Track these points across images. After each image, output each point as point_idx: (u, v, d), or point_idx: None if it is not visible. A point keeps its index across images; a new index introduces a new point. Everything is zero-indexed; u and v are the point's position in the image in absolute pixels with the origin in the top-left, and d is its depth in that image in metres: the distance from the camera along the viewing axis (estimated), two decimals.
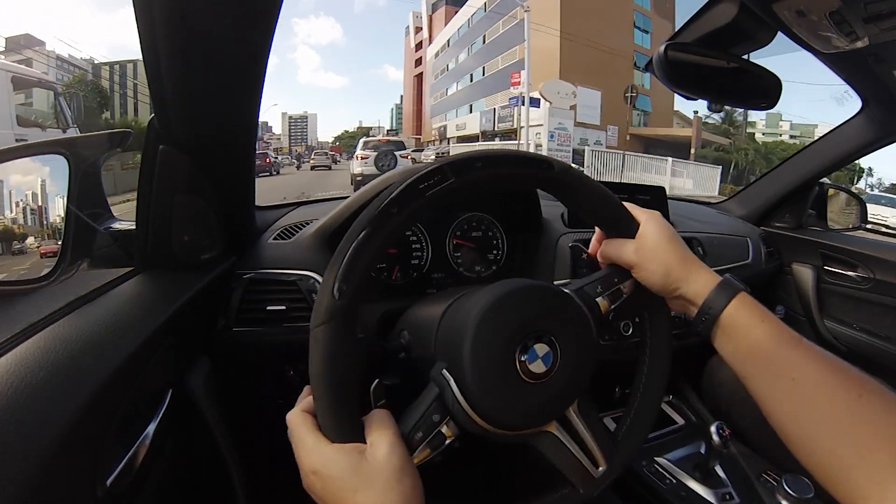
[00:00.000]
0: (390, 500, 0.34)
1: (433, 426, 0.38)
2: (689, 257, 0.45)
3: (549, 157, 0.44)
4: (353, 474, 0.34)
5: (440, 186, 0.39)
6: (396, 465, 0.35)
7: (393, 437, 0.36)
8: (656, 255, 0.44)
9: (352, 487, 0.34)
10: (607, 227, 0.48)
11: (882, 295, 1.14)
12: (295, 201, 1.08)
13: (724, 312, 0.41)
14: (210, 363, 0.63)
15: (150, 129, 0.57)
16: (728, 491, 0.74)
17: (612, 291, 0.45)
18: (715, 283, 0.43)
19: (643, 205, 0.47)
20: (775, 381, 0.39)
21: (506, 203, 0.90)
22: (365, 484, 0.34)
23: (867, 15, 0.62)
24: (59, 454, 0.34)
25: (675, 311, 0.47)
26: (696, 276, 0.44)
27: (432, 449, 0.38)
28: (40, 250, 0.60)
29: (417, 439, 0.38)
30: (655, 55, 0.74)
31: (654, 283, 0.44)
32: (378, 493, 0.34)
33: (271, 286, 0.72)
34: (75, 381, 0.39)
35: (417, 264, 0.84)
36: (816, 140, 1.29)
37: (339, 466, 0.35)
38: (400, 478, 0.34)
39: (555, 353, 0.40)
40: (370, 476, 0.34)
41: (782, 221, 1.37)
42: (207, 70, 0.53)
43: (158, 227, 0.60)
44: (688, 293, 0.44)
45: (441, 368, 0.40)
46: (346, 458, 0.35)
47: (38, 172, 0.60)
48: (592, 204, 0.46)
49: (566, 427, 0.42)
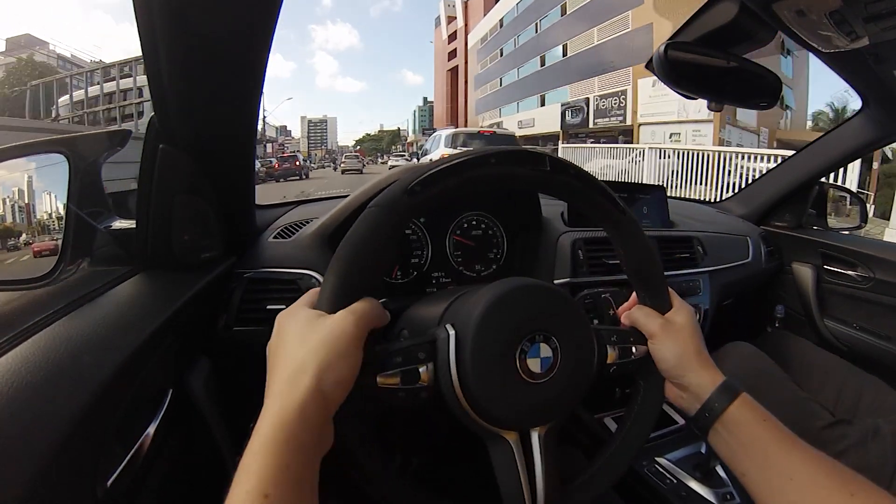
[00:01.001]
0: (316, 351, 0.34)
1: (415, 360, 0.38)
2: (703, 352, 0.47)
3: (625, 207, 0.46)
4: (304, 325, 0.36)
5: (535, 169, 0.41)
6: (338, 330, 0.35)
7: (355, 313, 0.36)
8: (679, 337, 0.46)
9: (297, 335, 0.35)
10: (646, 292, 0.49)
11: (882, 294, 1.14)
12: (295, 200, 1.08)
13: (727, 410, 0.43)
14: (210, 363, 0.63)
15: (151, 129, 0.57)
16: (728, 491, 0.74)
17: (623, 347, 0.46)
18: (719, 382, 0.45)
19: (643, 204, 0.48)
20: (773, 479, 0.40)
21: (506, 202, 0.90)
22: (307, 334, 0.35)
23: (867, 15, 0.62)
24: (60, 454, 0.34)
25: (670, 398, 0.48)
26: (703, 371, 0.46)
27: (402, 381, 0.37)
28: (33, 248, 0.60)
29: (394, 362, 0.37)
30: (655, 54, 0.75)
31: (666, 361, 0.46)
32: (312, 342, 0.34)
33: (272, 285, 0.72)
34: (75, 381, 0.39)
35: (417, 263, 0.84)
36: (816, 140, 1.29)
37: (299, 320, 0.37)
38: (335, 341, 0.34)
39: (555, 357, 0.40)
40: (314, 329, 0.35)
41: (782, 221, 1.37)
42: (208, 70, 0.53)
43: (158, 227, 0.60)
44: (692, 384, 0.45)
45: (446, 323, 0.40)
46: (309, 315, 0.36)
47: (28, 170, 0.60)
48: (641, 263, 0.48)
49: (524, 446, 0.40)
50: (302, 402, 0.32)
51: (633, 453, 0.47)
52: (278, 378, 0.34)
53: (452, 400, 0.38)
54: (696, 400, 0.45)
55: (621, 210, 0.46)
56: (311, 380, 0.33)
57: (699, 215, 1.31)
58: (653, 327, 0.47)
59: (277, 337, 0.38)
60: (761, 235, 1.32)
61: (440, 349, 0.39)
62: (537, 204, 0.90)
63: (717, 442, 0.44)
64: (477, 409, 0.38)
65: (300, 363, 0.34)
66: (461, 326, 0.39)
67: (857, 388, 0.93)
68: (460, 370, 0.37)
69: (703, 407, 0.44)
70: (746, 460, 0.42)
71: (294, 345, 0.35)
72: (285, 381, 0.34)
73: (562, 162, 0.43)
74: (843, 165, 1.27)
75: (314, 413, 0.32)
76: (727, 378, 0.45)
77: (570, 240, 0.90)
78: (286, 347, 0.36)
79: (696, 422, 0.45)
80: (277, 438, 0.30)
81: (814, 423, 0.82)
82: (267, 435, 0.31)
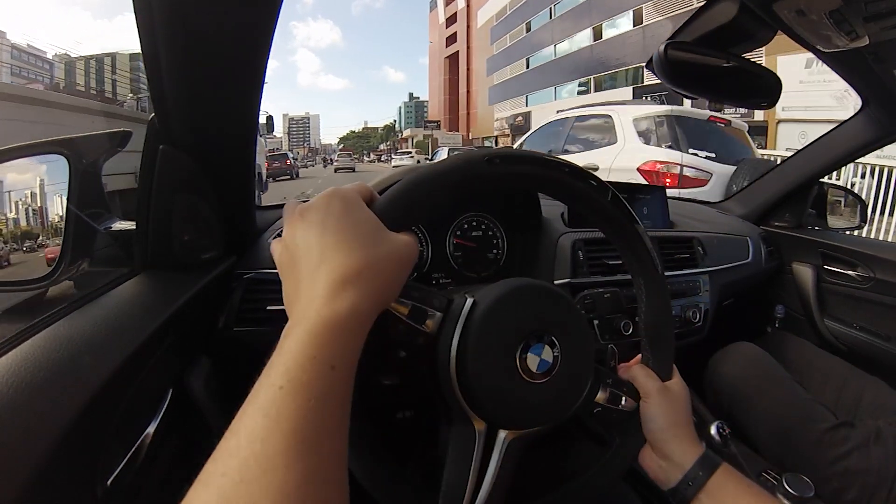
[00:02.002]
0: (375, 269, 0.30)
1: (428, 303, 0.38)
2: (691, 426, 0.48)
3: (660, 264, 0.47)
4: (363, 228, 0.32)
5: (592, 188, 0.43)
6: (403, 257, 0.33)
7: (416, 246, 0.34)
8: (673, 405, 0.47)
9: (348, 234, 0.31)
10: (653, 353, 0.50)
11: (882, 294, 1.14)
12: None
13: (712, 479, 0.44)
14: (210, 363, 0.63)
15: (150, 129, 0.57)
16: None
17: (615, 393, 0.46)
18: (700, 453, 0.45)
19: (643, 204, 0.48)
20: None
21: (506, 202, 0.90)
22: (363, 240, 0.31)
23: (867, 14, 0.62)
24: (60, 454, 0.34)
25: (647, 467, 0.48)
26: (687, 442, 0.46)
27: (409, 315, 0.37)
28: (46, 255, 0.60)
29: (412, 295, 0.37)
30: (655, 54, 0.75)
31: (655, 422, 0.46)
32: (368, 256, 0.31)
33: (272, 286, 0.72)
34: (75, 381, 0.39)
35: (417, 264, 0.84)
36: (817, 139, 1.29)
37: (357, 214, 0.32)
38: (397, 264, 0.33)
39: (554, 362, 0.40)
40: (374, 241, 0.32)
41: (782, 221, 1.37)
42: (208, 69, 0.53)
43: (158, 227, 0.60)
44: (675, 452, 0.46)
45: (467, 293, 0.40)
46: (370, 217, 0.33)
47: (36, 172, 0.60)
48: (658, 327, 0.49)
49: (486, 443, 0.39)
50: (352, 312, 0.28)
51: (585, 497, 0.46)
52: (313, 284, 0.29)
53: (444, 362, 0.38)
54: (677, 470, 0.45)
55: (655, 266, 0.47)
56: (364, 299, 0.29)
57: (699, 215, 1.31)
58: (651, 388, 0.47)
59: (317, 221, 0.31)
60: (761, 235, 1.32)
61: (454, 308, 0.39)
62: (537, 204, 0.90)
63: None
64: (462, 385, 0.37)
65: (353, 270, 0.29)
66: (480, 298, 0.39)
67: (858, 388, 0.93)
68: (463, 337, 0.37)
69: (684, 477, 0.45)
70: None
71: (345, 242, 0.30)
72: (327, 288, 0.29)
73: (620, 199, 0.44)
74: (843, 165, 1.27)
75: (361, 329, 0.29)
76: (707, 450, 0.46)
77: (570, 240, 0.90)
78: (331, 243, 0.30)
79: (677, 494, 0.45)
80: (305, 364, 0.26)
81: (817, 426, 0.82)
82: (293, 351, 0.27)
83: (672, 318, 0.50)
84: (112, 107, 4.36)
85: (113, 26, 32.17)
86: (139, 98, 5.03)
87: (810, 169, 1.29)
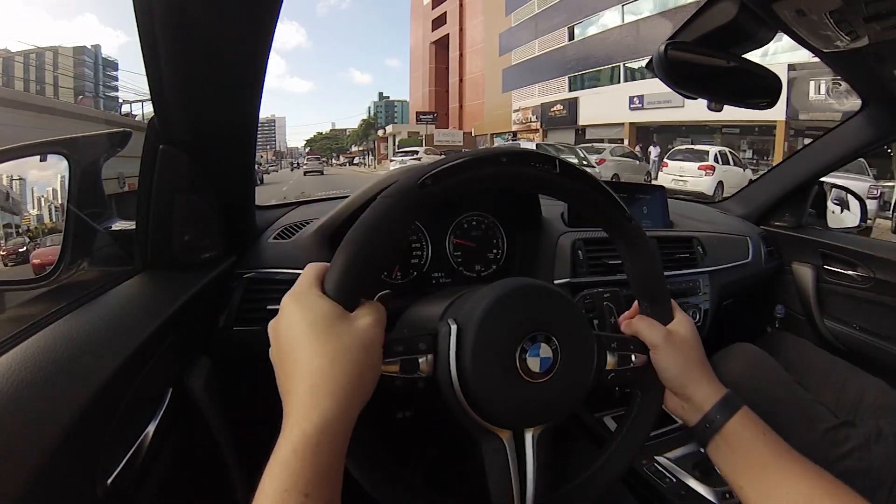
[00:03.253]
0: (347, 362, 0.32)
1: (415, 350, 0.38)
2: (706, 364, 0.47)
3: (631, 215, 0.47)
4: (323, 324, 0.33)
5: (545, 170, 0.41)
6: (369, 338, 0.34)
7: (379, 320, 0.35)
8: (682, 349, 0.46)
9: (315, 335, 0.32)
10: (648, 302, 0.49)
11: (882, 294, 1.14)
12: (295, 200, 1.08)
13: (728, 424, 0.44)
14: (210, 363, 0.63)
15: (150, 129, 0.57)
16: (728, 490, 0.74)
17: (623, 355, 0.46)
18: (721, 395, 0.45)
19: (643, 204, 0.48)
20: (770, 494, 0.41)
21: (506, 202, 0.90)
22: (329, 337, 0.32)
23: (867, 15, 0.62)
24: (60, 453, 0.34)
25: (670, 407, 0.49)
26: (706, 384, 0.46)
27: (402, 370, 0.37)
28: (32, 262, 0.59)
29: (395, 351, 0.37)
30: (655, 54, 0.74)
31: (669, 371, 0.46)
32: (337, 351, 0.32)
33: (272, 285, 0.72)
34: (76, 381, 0.39)
35: (417, 263, 0.84)
36: (816, 139, 1.29)
37: (314, 312, 0.33)
38: (366, 350, 0.33)
39: (555, 359, 0.40)
40: (339, 333, 0.33)
41: (782, 221, 1.37)
42: (208, 69, 0.53)
43: (159, 227, 0.60)
44: (694, 396, 0.46)
45: (449, 318, 0.40)
46: (326, 308, 0.34)
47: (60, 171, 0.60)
48: (644, 271, 0.48)
49: (517, 446, 0.40)
50: (324, 427, 0.30)
51: (629, 460, 0.47)
52: (294, 390, 0.32)
53: (449, 393, 0.38)
54: (697, 411, 0.45)
55: (628, 218, 0.46)
56: (335, 401, 0.31)
57: (699, 215, 1.31)
58: (656, 338, 0.47)
59: (287, 326, 0.34)
60: (761, 235, 1.32)
61: (441, 342, 0.39)
62: (537, 204, 0.90)
63: (717, 455, 0.45)
64: (473, 404, 0.38)
65: (321, 375, 0.31)
66: (463, 322, 0.39)
67: (858, 388, 0.93)
68: (459, 364, 0.38)
69: (703, 419, 0.45)
70: (745, 474, 0.43)
71: (309, 345, 0.32)
72: (304, 397, 0.31)
73: (571, 165, 0.43)
74: (843, 165, 1.27)
75: (339, 433, 0.31)
76: (728, 391, 0.46)
77: (570, 240, 0.90)
78: (300, 346, 0.33)
79: (697, 433, 0.46)
80: (295, 468, 0.29)
81: (817, 426, 0.82)
82: (285, 460, 0.29)
83: (657, 262, 0.48)
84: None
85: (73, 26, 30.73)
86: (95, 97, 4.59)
87: (810, 169, 1.29)
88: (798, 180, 1.31)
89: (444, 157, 0.39)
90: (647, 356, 0.47)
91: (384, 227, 0.36)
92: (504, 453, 0.40)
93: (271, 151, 61.94)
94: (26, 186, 0.60)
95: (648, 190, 1.16)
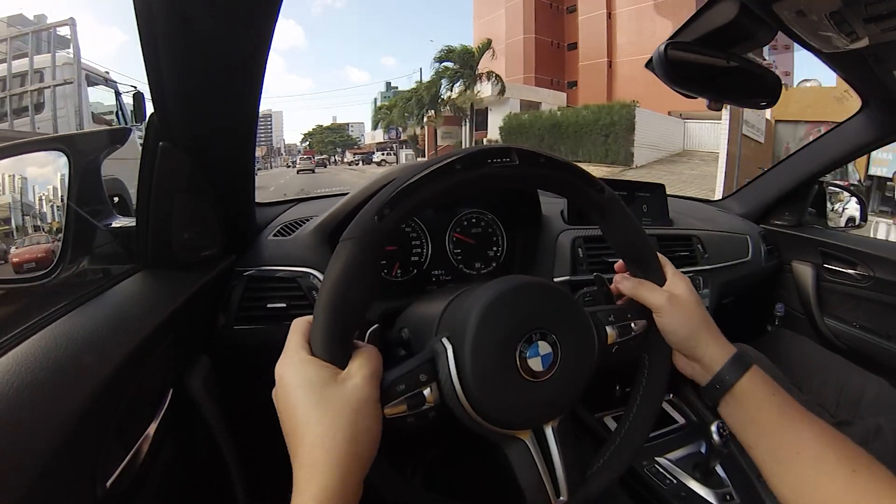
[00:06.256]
0: (340, 429, 0.32)
1: (417, 384, 0.38)
2: (712, 323, 0.47)
3: (603, 185, 0.46)
4: (315, 390, 0.33)
5: (504, 165, 0.40)
6: (361, 399, 0.34)
7: (371, 374, 0.35)
8: (686, 309, 0.46)
9: (310, 403, 0.33)
10: (639, 267, 0.49)
11: (882, 293, 1.14)
12: (295, 198, 1.08)
13: (738, 383, 0.43)
14: (210, 362, 0.63)
15: (151, 127, 0.57)
16: (728, 491, 0.74)
17: (622, 325, 0.46)
18: (730, 354, 0.45)
19: (642, 202, 0.48)
20: (780, 452, 0.41)
21: (505, 199, 0.90)
22: (322, 404, 0.33)
23: (867, 15, 0.62)
24: (60, 454, 0.34)
25: (679, 367, 0.48)
26: (715, 343, 0.46)
27: (409, 407, 0.37)
28: (12, 259, 0.58)
29: (398, 391, 0.37)
30: (656, 54, 0.74)
31: (676, 334, 0.46)
32: (331, 417, 0.32)
33: (272, 283, 0.72)
34: (76, 381, 0.39)
35: (417, 261, 0.84)
36: (817, 139, 1.30)
37: (306, 378, 0.34)
38: (358, 412, 0.33)
39: (555, 353, 0.40)
40: (331, 398, 0.33)
41: (782, 219, 1.37)
42: (208, 68, 0.53)
43: (158, 225, 0.60)
44: (704, 356, 0.45)
45: (441, 337, 0.40)
46: (316, 373, 0.34)
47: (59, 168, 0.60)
48: (627, 239, 0.48)
49: (540, 442, 0.41)
50: (326, 501, 0.30)
51: (649, 427, 0.47)
52: (300, 462, 0.32)
53: (461, 413, 0.38)
54: (707, 371, 0.45)
55: (599, 189, 0.45)
56: (333, 472, 0.31)
57: (699, 214, 1.30)
58: (658, 301, 0.46)
59: (284, 397, 0.35)
60: (761, 234, 1.32)
61: (440, 366, 0.38)
62: (537, 202, 0.90)
63: (728, 414, 0.45)
64: (486, 417, 0.38)
65: (320, 447, 0.32)
66: (457, 338, 0.39)
67: (859, 386, 0.93)
68: (463, 383, 0.37)
69: (714, 378, 0.45)
70: (755, 433, 0.43)
71: (305, 415, 0.33)
72: (307, 469, 0.32)
73: (529, 152, 0.42)
74: (843, 164, 1.27)
75: (344, 501, 0.31)
76: (738, 350, 0.45)
77: (570, 238, 0.90)
78: (297, 417, 0.33)
79: (707, 393, 0.46)
80: None
81: None
82: None
83: (638, 226, 0.48)
84: None
85: None
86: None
87: (810, 168, 1.29)
88: (798, 179, 1.31)
89: (401, 175, 0.38)
90: (647, 320, 0.47)
91: (352, 271, 0.36)
92: (529, 453, 0.40)
93: (264, 149, 55.92)
94: (27, 184, 0.60)
95: (648, 188, 1.16)
